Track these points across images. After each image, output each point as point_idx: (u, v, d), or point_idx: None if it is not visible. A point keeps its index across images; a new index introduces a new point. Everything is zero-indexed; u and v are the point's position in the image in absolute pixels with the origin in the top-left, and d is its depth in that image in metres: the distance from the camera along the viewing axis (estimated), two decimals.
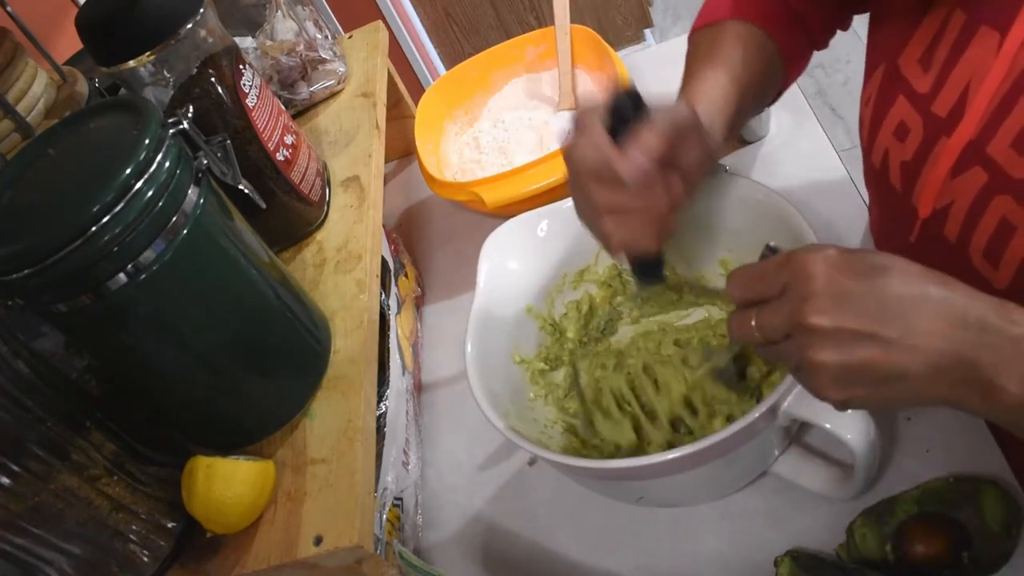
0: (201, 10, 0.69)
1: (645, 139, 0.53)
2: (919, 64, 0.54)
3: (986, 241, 0.50)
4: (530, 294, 0.76)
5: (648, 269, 0.62)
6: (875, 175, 0.62)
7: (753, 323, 0.45)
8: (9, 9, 0.83)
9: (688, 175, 0.57)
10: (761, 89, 0.67)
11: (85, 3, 0.69)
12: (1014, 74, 0.46)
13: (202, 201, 0.57)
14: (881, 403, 0.43)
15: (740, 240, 0.72)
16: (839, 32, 0.71)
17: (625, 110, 0.54)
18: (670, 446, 0.65)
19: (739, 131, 0.66)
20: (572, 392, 0.76)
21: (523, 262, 0.75)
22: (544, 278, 0.77)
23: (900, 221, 0.60)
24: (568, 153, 0.56)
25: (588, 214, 0.58)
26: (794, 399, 0.56)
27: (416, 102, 1.09)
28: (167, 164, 0.54)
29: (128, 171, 0.52)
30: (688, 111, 0.56)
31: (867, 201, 0.87)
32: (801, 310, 0.41)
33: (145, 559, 0.60)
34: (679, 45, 0.73)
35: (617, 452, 0.71)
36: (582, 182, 0.56)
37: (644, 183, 0.54)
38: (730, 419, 0.67)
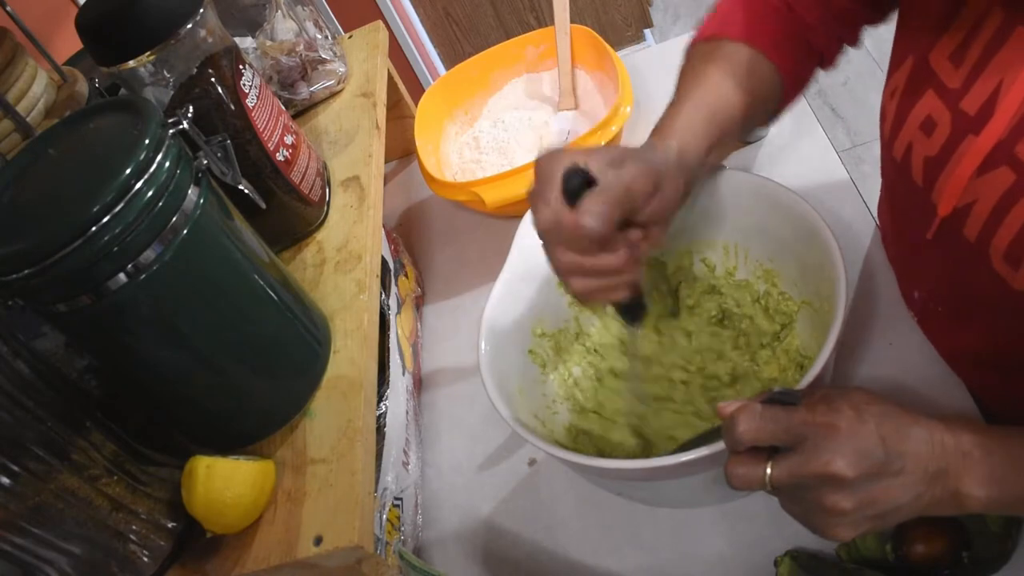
0: (201, 10, 0.69)
1: (594, 203, 0.55)
2: (950, 60, 0.54)
3: (1007, 243, 0.50)
4: None
5: (630, 311, 0.64)
6: (895, 169, 0.62)
7: (769, 472, 0.48)
8: (9, 9, 0.83)
9: (653, 222, 0.58)
10: (748, 118, 0.67)
11: (85, 3, 0.69)
12: None
13: (202, 201, 0.57)
14: (878, 527, 0.49)
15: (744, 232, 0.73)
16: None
17: (575, 184, 0.55)
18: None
19: (721, 159, 0.67)
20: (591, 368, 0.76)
21: None
22: None
23: (917, 218, 0.60)
24: (534, 219, 0.58)
25: (558, 274, 0.60)
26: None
27: (416, 102, 1.09)
28: (167, 164, 0.54)
29: (128, 171, 0.52)
30: (662, 155, 0.58)
31: (867, 201, 0.87)
32: (830, 465, 0.46)
33: (145, 559, 0.60)
34: (679, 45, 0.72)
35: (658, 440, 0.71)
36: (548, 246, 0.58)
37: (600, 243, 0.55)
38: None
